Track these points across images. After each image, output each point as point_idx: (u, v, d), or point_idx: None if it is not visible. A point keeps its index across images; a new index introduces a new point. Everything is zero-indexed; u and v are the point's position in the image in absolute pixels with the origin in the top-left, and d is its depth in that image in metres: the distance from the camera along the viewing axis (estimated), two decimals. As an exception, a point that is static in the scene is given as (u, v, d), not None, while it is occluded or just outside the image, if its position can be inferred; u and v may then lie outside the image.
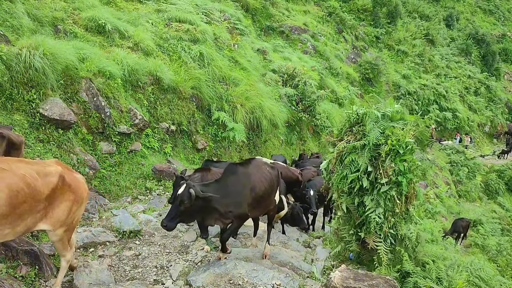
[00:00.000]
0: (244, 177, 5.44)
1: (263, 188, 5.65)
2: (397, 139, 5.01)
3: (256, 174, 5.66)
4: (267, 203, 5.97)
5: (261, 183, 5.63)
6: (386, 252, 4.99)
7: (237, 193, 5.31)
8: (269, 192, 5.86)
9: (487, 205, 22.26)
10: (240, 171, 5.46)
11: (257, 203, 5.61)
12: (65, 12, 9.68)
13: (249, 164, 5.77)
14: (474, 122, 32.17)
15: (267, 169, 5.95)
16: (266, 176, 5.80)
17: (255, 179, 5.55)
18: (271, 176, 5.95)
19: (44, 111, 7.14)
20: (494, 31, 46.76)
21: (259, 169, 5.77)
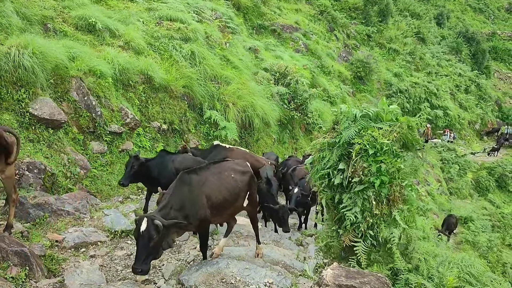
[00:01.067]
0: (197, 186, 5.10)
1: (221, 196, 5.30)
2: (369, 139, 4.99)
3: (213, 181, 5.30)
4: (231, 211, 5.68)
5: (218, 191, 5.28)
6: (365, 252, 4.99)
7: (192, 204, 5.00)
8: (232, 200, 5.48)
9: (478, 202, 22.47)
10: (193, 180, 5.12)
11: (217, 211, 5.32)
12: (54, 10, 9.60)
13: (206, 170, 5.42)
14: (464, 120, 32.41)
15: (231, 175, 5.54)
16: (228, 185, 5.42)
17: (211, 187, 5.21)
18: (236, 183, 5.55)
19: (34, 111, 7.08)
20: (484, 30, 47.15)
21: (219, 177, 5.41)
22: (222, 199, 5.29)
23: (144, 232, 4.34)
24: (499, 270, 14.29)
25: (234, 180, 5.53)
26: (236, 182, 5.54)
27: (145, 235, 4.35)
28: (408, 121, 5.33)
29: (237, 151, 8.92)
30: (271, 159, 10.73)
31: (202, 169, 5.42)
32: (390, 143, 4.98)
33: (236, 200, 5.55)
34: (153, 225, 4.36)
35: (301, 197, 8.75)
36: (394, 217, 5.01)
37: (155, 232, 4.36)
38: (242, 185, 5.63)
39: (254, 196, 6.17)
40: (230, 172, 5.57)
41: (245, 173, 5.82)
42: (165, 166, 7.17)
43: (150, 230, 4.35)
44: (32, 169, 6.58)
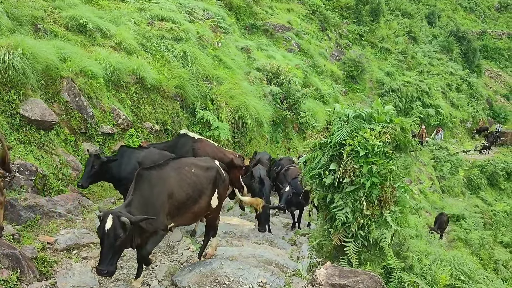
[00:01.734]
0: (159, 182, 4.74)
1: (185, 194, 4.95)
2: (360, 140, 4.99)
3: (175, 177, 4.95)
4: (195, 211, 5.23)
5: (181, 188, 4.93)
6: (356, 252, 5.00)
7: (153, 202, 4.63)
8: (196, 198, 5.11)
9: (470, 200, 22.61)
10: (154, 176, 4.75)
11: (179, 211, 4.92)
12: (45, 11, 9.53)
13: (166, 166, 5.04)
14: (456, 118, 32.59)
15: (192, 171, 5.16)
16: (189, 180, 5.06)
17: (173, 184, 4.86)
18: (199, 179, 5.18)
19: (25, 112, 7.03)
20: (475, 29, 47.47)
21: (180, 172, 5.05)
22: (185, 195, 4.94)
23: (109, 231, 3.99)
24: (491, 267, 14.40)
25: (196, 175, 5.16)
26: (198, 178, 5.17)
27: (110, 233, 4.00)
28: (402, 123, 5.32)
29: (205, 143, 8.48)
30: (264, 158, 10.72)
31: (161, 165, 5.04)
32: (382, 145, 4.98)
33: (199, 197, 5.14)
34: (119, 222, 4.01)
35: (293, 196, 8.74)
36: (385, 218, 5.02)
37: (122, 230, 4.02)
38: (206, 181, 5.25)
39: (223, 196, 5.77)
40: (191, 167, 5.21)
41: (210, 169, 5.42)
42: (127, 163, 6.68)
43: (116, 228, 4.00)
44: (23, 170, 6.53)
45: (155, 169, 4.89)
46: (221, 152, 8.70)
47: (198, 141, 8.30)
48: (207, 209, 5.44)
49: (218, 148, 8.73)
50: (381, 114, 5.43)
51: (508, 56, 45.97)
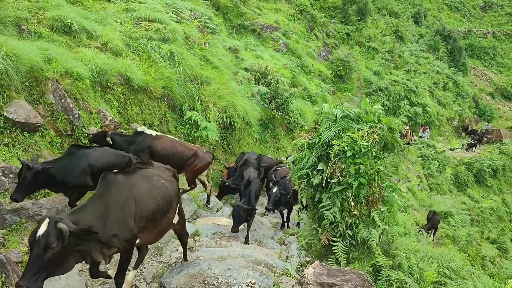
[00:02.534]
0: (125, 187, 4.27)
1: (155, 204, 4.50)
2: (348, 141, 5.00)
3: (145, 185, 4.53)
4: (163, 226, 4.80)
5: (150, 197, 4.48)
6: (344, 251, 5.01)
7: (119, 209, 4.10)
8: (165, 210, 4.69)
9: (457, 197, 22.88)
10: (120, 181, 4.29)
11: (147, 224, 4.41)
12: (29, 11, 9.39)
13: (134, 172, 4.64)
14: (443, 117, 32.94)
15: (161, 180, 4.79)
16: (159, 189, 4.66)
17: (141, 191, 4.40)
18: (167, 190, 4.79)
19: (9, 114, 6.91)
20: (460, 28, 48.10)
21: (149, 180, 4.65)
22: (154, 206, 4.49)
23: (41, 238, 3.31)
24: (478, 263, 14.57)
25: (165, 186, 4.78)
26: (167, 189, 4.79)
27: (41, 241, 3.31)
28: (390, 123, 5.34)
29: (165, 139, 8.30)
30: (252, 158, 10.72)
31: (128, 171, 4.67)
32: (370, 145, 4.99)
33: (168, 210, 4.76)
34: (55, 229, 3.35)
35: (282, 197, 8.78)
36: (373, 218, 5.04)
37: (56, 239, 3.34)
38: (172, 194, 4.89)
39: (182, 210, 5.48)
40: (159, 177, 4.82)
41: (173, 181, 5.11)
42: (75, 165, 6.04)
43: (49, 236, 3.33)
44: (8, 173, 6.43)
45: (123, 174, 4.47)
46: (182, 145, 8.46)
47: (156, 138, 8.12)
48: (170, 226, 5.07)
49: (178, 142, 8.49)
50: (369, 114, 5.44)
51: (493, 55, 46.66)
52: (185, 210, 8.18)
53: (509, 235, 20.94)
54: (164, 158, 7.85)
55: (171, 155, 8.11)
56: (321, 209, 5.15)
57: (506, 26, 51.43)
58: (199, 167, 8.71)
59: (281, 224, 9.57)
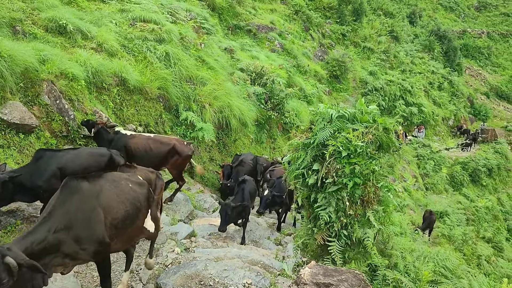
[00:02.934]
0: (90, 195, 3.93)
1: (124, 211, 4.20)
2: (343, 141, 5.01)
3: (113, 191, 4.21)
4: (133, 233, 4.51)
5: (119, 203, 4.18)
6: (340, 251, 5.02)
7: (85, 220, 3.79)
8: (134, 217, 4.38)
9: (453, 197, 22.96)
10: (84, 188, 3.93)
11: (117, 231, 4.12)
12: (23, 12, 9.35)
13: (100, 177, 4.27)
14: (438, 116, 33.07)
15: (129, 185, 4.47)
16: (128, 195, 4.36)
17: (109, 197, 4.10)
18: (136, 194, 4.47)
19: (4, 115, 6.89)
20: (455, 28, 48.33)
21: (117, 185, 4.32)
22: (124, 213, 4.19)
23: None
24: (474, 262, 14.61)
25: (134, 191, 4.47)
26: (136, 194, 4.48)
27: None
28: (385, 123, 5.34)
29: (139, 137, 8.06)
30: (248, 159, 10.72)
31: (94, 176, 4.26)
32: (365, 145, 5.00)
33: (137, 217, 4.46)
34: (2, 264, 3.05)
35: (276, 197, 8.67)
36: (368, 218, 5.05)
37: (6, 275, 3.06)
38: (142, 199, 4.58)
39: (157, 217, 5.16)
40: (126, 182, 4.49)
41: (142, 186, 4.73)
42: (44, 170, 5.62)
43: None
44: (3, 175, 6.40)
45: (87, 179, 4.08)
46: (157, 142, 8.13)
47: (131, 138, 7.95)
48: (141, 233, 4.76)
49: (153, 139, 8.16)
50: (365, 114, 5.44)
51: (487, 55, 46.93)
52: (181, 211, 8.21)
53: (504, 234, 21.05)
54: (139, 157, 7.75)
55: (144, 153, 7.88)
56: (316, 209, 5.15)
57: (500, 26, 51.73)
58: (179, 161, 8.37)
59: (277, 225, 9.57)
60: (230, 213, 7.16)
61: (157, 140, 8.19)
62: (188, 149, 8.48)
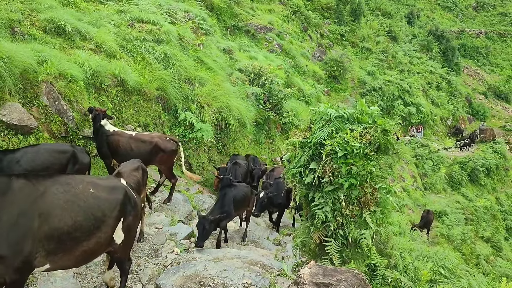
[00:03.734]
0: (25, 197, 3.35)
1: (72, 221, 3.56)
2: (339, 141, 5.01)
3: (58, 195, 3.56)
4: (90, 248, 3.80)
5: (66, 211, 3.54)
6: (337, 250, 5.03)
7: (10, 225, 3.20)
8: (90, 229, 3.74)
9: (452, 196, 22.99)
10: (17, 188, 3.35)
11: (61, 246, 3.51)
12: (22, 13, 9.35)
13: (48, 177, 3.68)
14: (437, 116, 33.11)
15: (90, 191, 3.83)
16: (82, 202, 3.70)
17: (52, 202, 3.48)
18: (98, 202, 3.85)
19: (2, 117, 6.89)
20: (453, 28, 48.40)
21: (68, 189, 3.67)
22: (71, 224, 3.56)
23: None
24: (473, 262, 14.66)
25: (94, 197, 3.83)
26: (98, 201, 3.85)
27: None
28: (384, 124, 5.35)
29: (121, 135, 7.81)
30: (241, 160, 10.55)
31: (40, 176, 3.66)
32: (362, 146, 5.00)
33: (98, 228, 3.81)
34: None
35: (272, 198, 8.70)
36: (365, 219, 5.06)
37: None
38: (108, 206, 3.94)
39: (134, 228, 4.45)
40: (87, 186, 3.86)
41: (115, 190, 4.13)
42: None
43: None
44: (2, 176, 6.40)
45: (29, 178, 3.50)
46: (138, 140, 7.87)
47: (112, 134, 7.75)
48: (108, 245, 4.12)
49: (134, 138, 7.91)
50: (365, 115, 5.45)
51: (485, 54, 47.01)
52: (180, 212, 8.20)
53: (503, 234, 21.11)
54: (122, 155, 7.59)
55: (125, 152, 7.65)
56: (313, 207, 5.17)
57: (498, 26, 51.83)
58: (165, 157, 8.14)
59: (275, 225, 9.57)
60: (208, 227, 6.59)
61: (138, 139, 7.93)
62: (172, 144, 8.21)
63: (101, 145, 7.73)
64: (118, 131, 7.92)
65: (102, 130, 7.74)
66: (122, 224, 4.14)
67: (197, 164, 11.55)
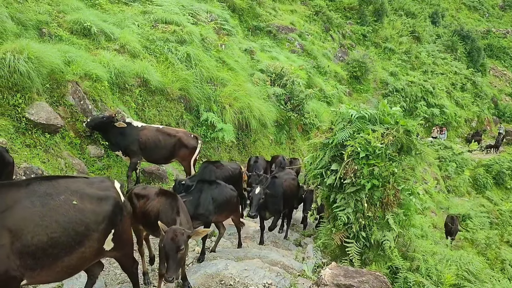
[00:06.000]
0: None
1: (47, 236, 3.17)
2: (361, 142, 4.97)
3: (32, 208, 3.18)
4: (72, 264, 3.42)
5: (41, 227, 3.16)
6: (358, 252, 4.99)
7: None
8: (72, 244, 3.34)
9: (476, 200, 22.50)
10: None
11: (37, 261, 3.16)
12: (49, 15, 9.59)
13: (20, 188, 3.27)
14: (461, 118, 32.47)
15: (73, 203, 3.41)
16: (62, 216, 3.29)
17: (21, 218, 3.11)
18: (81, 215, 3.43)
19: (30, 116, 7.07)
20: (479, 27, 47.31)
21: (46, 201, 3.28)
22: (46, 239, 3.17)
23: None
24: (497, 267, 14.31)
25: (77, 210, 3.42)
26: (82, 214, 3.44)
27: None
28: (407, 125, 5.29)
29: (149, 129, 8.02)
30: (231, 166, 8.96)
31: (15, 186, 3.30)
32: (384, 147, 4.95)
33: (80, 244, 3.42)
34: None
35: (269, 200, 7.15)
36: (387, 221, 5.01)
37: None
38: (94, 218, 3.53)
39: (125, 235, 4.01)
40: (70, 196, 3.43)
41: (104, 201, 3.69)
42: None
43: None
44: (29, 174, 6.56)
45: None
46: (164, 134, 8.05)
47: (142, 129, 7.89)
48: (98, 256, 3.81)
49: (161, 131, 8.11)
50: (387, 115, 5.41)
51: (513, 55, 45.82)
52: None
53: (529, 239, 20.55)
54: (150, 149, 7.83)
55: (153, 145, 7.89)
56: (335, 209, 5.15)
57: (526, 26, 50.52)
58: (186, 153, 8.26)
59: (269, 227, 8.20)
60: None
61: (164, 132, 8.12)
62: (194, 141, 8.33)
63: (130, 142, 7.79)
64: (146, 126, 8.15)
65: (131, 127, 7.84)
66: (113, 235, 3.78)
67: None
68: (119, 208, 3.83)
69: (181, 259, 4.07)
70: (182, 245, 3.94)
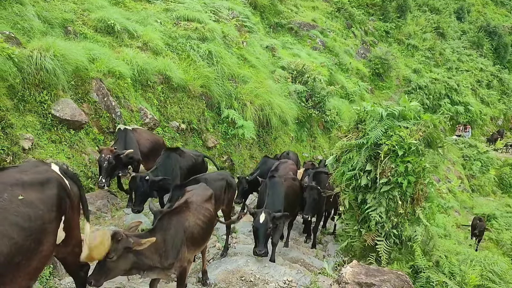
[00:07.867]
0: None
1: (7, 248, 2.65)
2: (397, 140, 4.93)
3: None
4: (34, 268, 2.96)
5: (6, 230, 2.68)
6: (387, 251, 4.96)
7: None
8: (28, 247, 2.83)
9: (501, 199, 21.98)
10: None
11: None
12: (74, 13, 9.77)
13: None
14: (487, 116, 31.74)
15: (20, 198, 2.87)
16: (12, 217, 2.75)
17: None
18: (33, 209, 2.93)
19: (56, 112, 7.22)
20: (506, 23, 46.08)
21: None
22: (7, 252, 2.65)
23: None
24: (524, 268, 13.99)
25: (27, 204, 2.90)
26: (33, 208, 2.94)
27: None
28: (432, 119, 5.25)
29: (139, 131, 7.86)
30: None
31: None
32: (417, 143, 4.94)
33: (39, 244, 2.95)
34: None
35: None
36: (418, 215, 4.99)
37: None
38: (44, 207, 3.04)
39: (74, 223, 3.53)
40: (14, 191, 2.89)
41: (46, 184, 3.17)
42: None
43: None
44: (55, 169, 6.71)
45: None
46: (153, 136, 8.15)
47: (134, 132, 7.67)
48: (51, 256, 3.28)
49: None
50: (409, 111, 5.38)
51: (541, 51, 44.49)
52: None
53: (557, 240, 19.97)
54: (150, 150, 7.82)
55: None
56: (366, 210, 5.12)
57: (555, 21, 49.03)
58: None
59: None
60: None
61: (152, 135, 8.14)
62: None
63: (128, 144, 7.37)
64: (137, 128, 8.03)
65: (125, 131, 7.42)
66: (64, 223, 3.30)
67: (238, 161, 11.65)
68: (65, 191, 3.31)
69: None
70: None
